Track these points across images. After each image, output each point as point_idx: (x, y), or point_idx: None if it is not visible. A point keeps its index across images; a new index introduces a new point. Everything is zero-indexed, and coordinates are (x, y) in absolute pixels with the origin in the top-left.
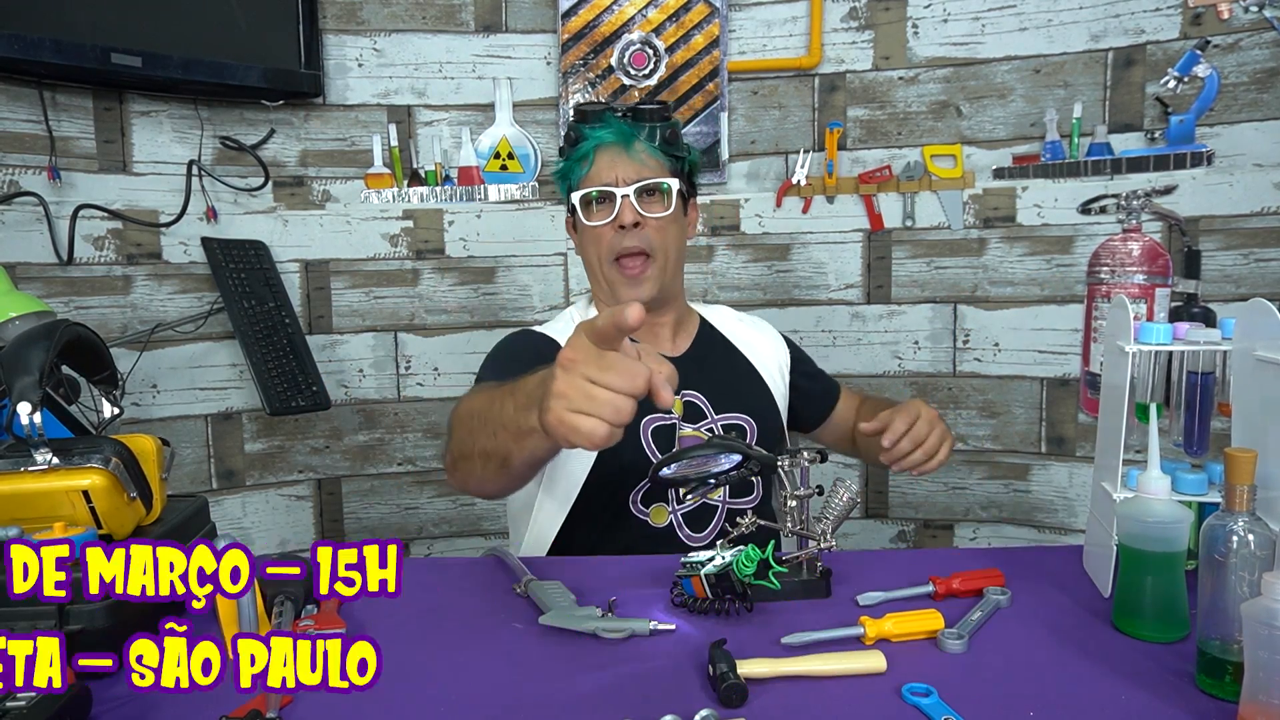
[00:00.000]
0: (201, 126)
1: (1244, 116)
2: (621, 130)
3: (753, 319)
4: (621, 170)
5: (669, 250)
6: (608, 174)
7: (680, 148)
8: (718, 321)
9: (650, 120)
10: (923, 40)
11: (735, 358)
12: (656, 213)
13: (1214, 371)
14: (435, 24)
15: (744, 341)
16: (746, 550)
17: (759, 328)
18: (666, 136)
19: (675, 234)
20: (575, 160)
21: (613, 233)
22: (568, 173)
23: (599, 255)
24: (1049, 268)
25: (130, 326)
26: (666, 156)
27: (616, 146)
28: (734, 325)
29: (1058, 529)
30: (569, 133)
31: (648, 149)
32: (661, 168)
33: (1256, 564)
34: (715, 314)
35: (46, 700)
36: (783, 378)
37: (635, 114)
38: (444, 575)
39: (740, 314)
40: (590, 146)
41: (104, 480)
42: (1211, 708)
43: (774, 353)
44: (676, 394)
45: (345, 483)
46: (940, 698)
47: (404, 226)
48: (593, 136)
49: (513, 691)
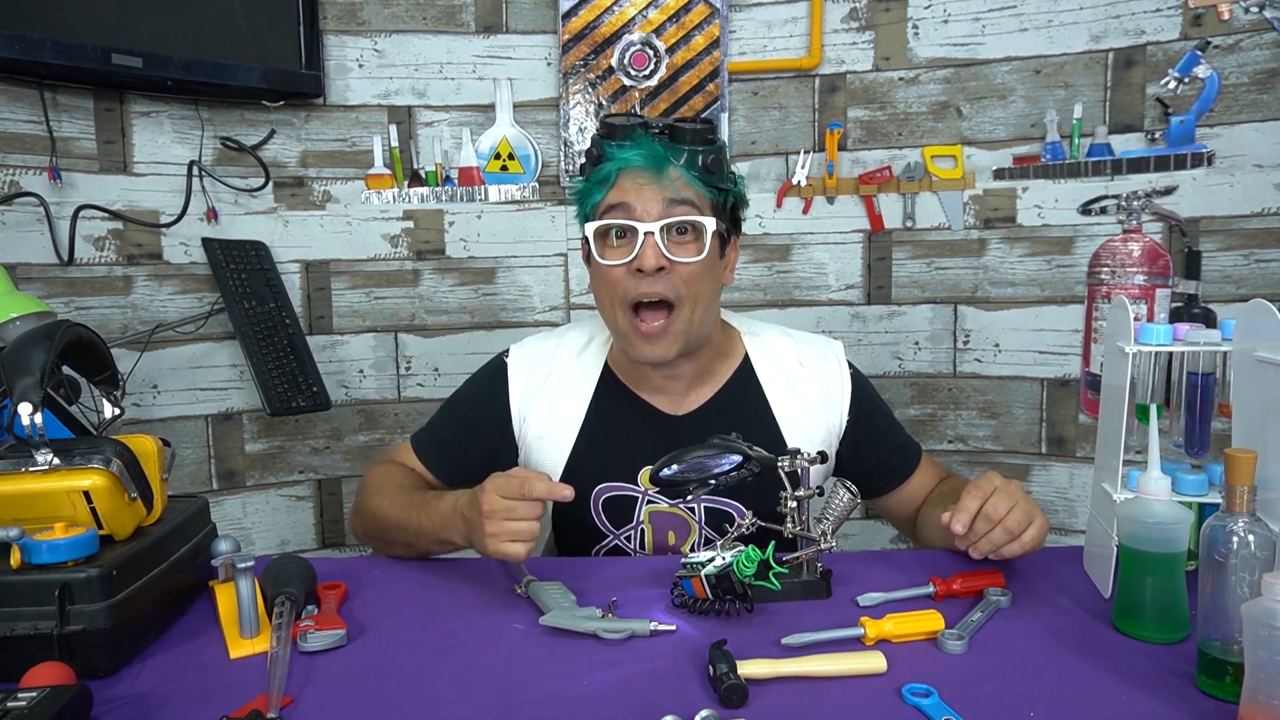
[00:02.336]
0: (202, 127)
1: (1244, 117)
2: (654, 152)
3: (820, 359)
4: (649, 201)
5: (698, 301)
6: (632, 204)
7: (724, 178)
8: (764, 365)
9: (690, 142)
10: (923, 41)
11: (760, 423)
12: (687, 256)
13: (1214, 372)
14: (436, 25)
15: (785, 401)
16: (747, 551)
17: (819, 377)
18: (708, 163)
19: (708, 282)
20: (595, 182)
21: (631, 275)
22: (585, 195)
23: (612, 300)
24: (1049, 268)
25: (131, 327)
26: (706, 188)
27: (646, 172)
28: (784, 370)
29: (1058, 530)
30: (592, 149)
31: (685, 176)
32: (699, 200)
33: (1257, 565)
34: (766, 351)
35: (47, 700)
36: (827, 446)
37: (673, 133)
38: (444, 575)
39: (805, 352)
40: (614, 169)
41: (105, 481)
42: (1212, 708)
43: (823, 416)
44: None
45: (346, 483)
46: (940, 698)
47: (404, 227)
48: (618, 158)
49: (513, 691)
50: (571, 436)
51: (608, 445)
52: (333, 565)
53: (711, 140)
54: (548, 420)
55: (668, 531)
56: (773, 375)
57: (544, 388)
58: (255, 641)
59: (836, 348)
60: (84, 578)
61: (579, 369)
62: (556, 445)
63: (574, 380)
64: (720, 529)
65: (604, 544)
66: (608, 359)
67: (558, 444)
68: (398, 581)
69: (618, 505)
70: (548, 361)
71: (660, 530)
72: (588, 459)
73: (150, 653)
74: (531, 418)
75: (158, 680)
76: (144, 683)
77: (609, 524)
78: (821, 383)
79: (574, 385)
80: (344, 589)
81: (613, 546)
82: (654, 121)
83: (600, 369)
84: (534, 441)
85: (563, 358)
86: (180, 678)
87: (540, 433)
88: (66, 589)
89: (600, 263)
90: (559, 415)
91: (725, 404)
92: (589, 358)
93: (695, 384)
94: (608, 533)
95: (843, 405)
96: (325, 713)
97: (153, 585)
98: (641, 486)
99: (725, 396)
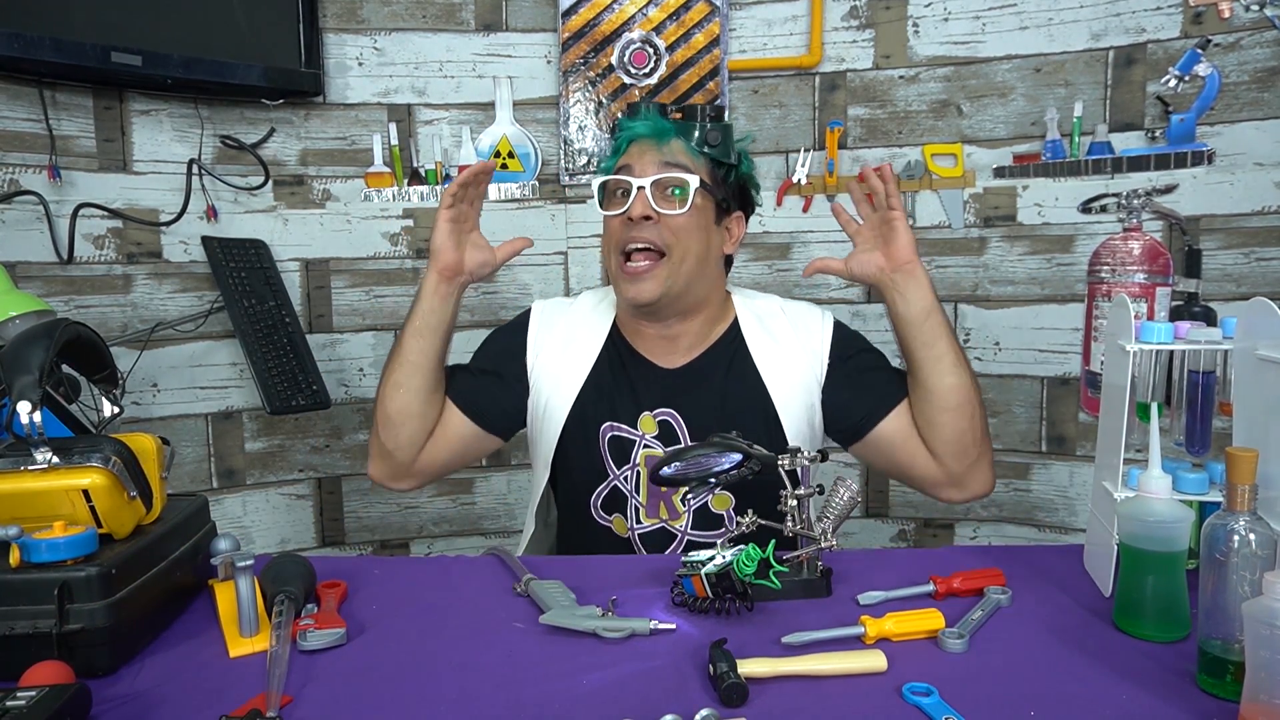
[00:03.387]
0: (202, 125)
1: (1245, 115)
2: (659, 125)
3: (800, 314)
4: (647, 164)
5: (688, 252)
6: (633, 165)
7: (725, 152)
8: (751, 323)
9: (695, 118)
10: (923, 39)
11: (746, 376)
12: (672, 209)
13: (1215, 371)
14: (435, 23)
15: (768, 353)
16: (747, 550)
17: (800, 330)
18: (707, 137)
19: (699, 238)
20: (612, 152)
21: (625, 225)
22: (605, 164)
23: (608, 247)
24: (1049, 267)
25: (130, 325)
26: (705, 159)
27: (650, 139)
28: (769, 327)
29: (1058, 528)
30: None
31: (684, 147)
32: (693, 166)
33: (1258, 563)
34: (754, 311)
35: (46, 700)
36: (807, 395)
37: (684, 113)
38: (444, 575)
39: (788, 310)
40: (625, 138)
41: (104, 479)
42: (1213, 708)
43: (805, 368)
44: (652, 409)
45: (345, 482)
46: (941, 697)
47: (404, 225)
48: (629, 129)
49: (513, 690)
50: (581, 378)
51: (613, 389)
52: (332, 564)
53: (715, 117)
54: (561, 361)
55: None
56: (755, 329)
57: (558, 334)
58: (255, 640)
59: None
60: (83, 576)
61: (590, 323)
62: (567, 384)
63: (585, 332)
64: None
65: (604, 487)
66: (615, 319)
67: (568, 383)
68: (398, 581)
69: (619, 445)
70: (565, 313)
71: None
72: (595, 399)
73: (149, 652)
74: (544, 356)
75: (157, 679)
76: (143, 682)
77: (612, 463)
78: (802, 329)
79: (585, 336)
80: (344, 588)
81: (612, 488)
82: (670, 106)
83: (609, 327)
84: (547, 380)
85: (577, 312)
86: (179, 677)
87: (554, 372)
88: (66, 588)
89: (603, 214)
90: (571, 358)
91: (709, 362)
92: (599, 316)
93: (693, 345)
94: (610, 472)
95: (818, 356)
96: (325, 712)
97: (152, 584)
98: (639, 430)
99: (709, 357)
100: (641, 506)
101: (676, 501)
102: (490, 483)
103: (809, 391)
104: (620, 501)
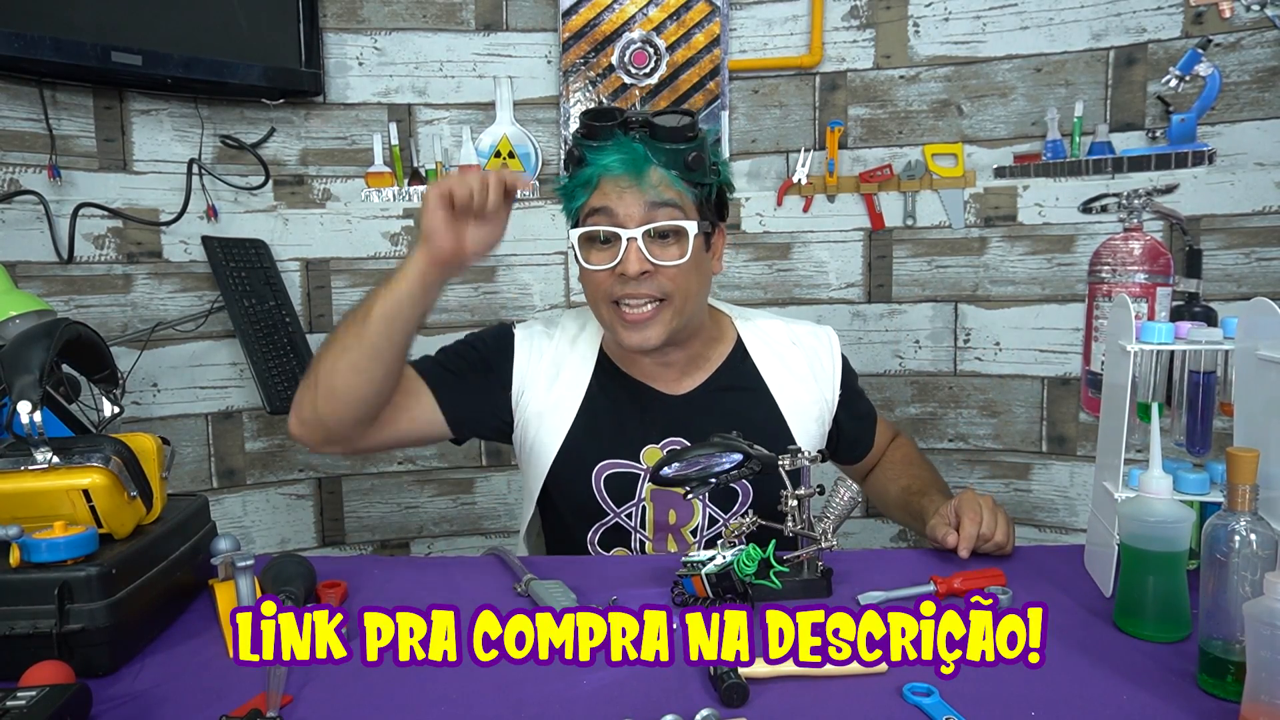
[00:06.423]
0: (202, 125)
1: (1246, 115)
2: (633, 155)
3: (811, 337)
4: (630, 205)
5: (690, 294)
6: (614, 209)
7: (705, 173)
8: (757, 346)
9: (670, 140)
10: (924, 39)
11: (759, 402)
12: (670, 259)
13: (1216, 371)
14: (436, 22)
15: (780, 379)
16: (747, 550)
17: (811, 356)
18: (689, 161)
19: (695, 279)
20: (578, 184)
21: (616, 278)
22: (569, 196)
23: (595, 297)
24: (1050, 267)
25: (131, 325)
26: (689, 186)
27: (626, 176)
28: (779, 351)
29: (1059, 528)
30: (573, 149)
31: (666, 177)
32: (681, 200)
33: (1258, 564)
34: (759, 334)
35: (46, 699)
36: (820, 425)
37: (653, 131)
38: (444, 574)
39: (797, 332)
40: (594, 174)
41: (104, 479)
42: (1213, 708)
43: (818, 394)
44: (658, 441)
45: (346, 481)
46: (941, 697)
47: (405, 225)
48: (597, 163)
49: (513, 691)
50: (570, 415)
51: (607, 423)
52: (333, 564)
53: (692, 137)
54: (547, 398)
55: (669, 510)
56: (766, 355)
57: (544, 367)
58: None
59: (827, 329)
60: (83, 576)
61: (576, 354)
62: (555, 423)
63: (571, 363)
64: (725, 506)
65: (604, 522)
66: (602, 345)
67: (556, 421)
68: (398, 581)
69: (619, 482)
70: (548, 342)
71: (661, 509)
72: (588, 437)
73: (150, 651)
74: (531, 392)
75: (157, 679)
76: (143, 681)
77: (611, 502)
78: (814, 360)
79: (571, 367)
80: (344, 588)
81: (613, 525)
82: (634, 117)
83: (596, 354)
84: (533, 418)
85: (559, 343)
86: (179, 677)
87: (539, 409)
88: (66, 587)
89: (586, 266)
90: (558, 394)
91: (723, 383)
92: (584, 344)
93: (689, 369)
94: (609, 510)
95: (832, 382)
96: (325, 712)
97: (152, 584)
98: (644, 464)
99: (722, 376)
100: (648, 541)
101: (686, 534)
102: (490, 483)
103: (821, 421)
104: (623, 536)
